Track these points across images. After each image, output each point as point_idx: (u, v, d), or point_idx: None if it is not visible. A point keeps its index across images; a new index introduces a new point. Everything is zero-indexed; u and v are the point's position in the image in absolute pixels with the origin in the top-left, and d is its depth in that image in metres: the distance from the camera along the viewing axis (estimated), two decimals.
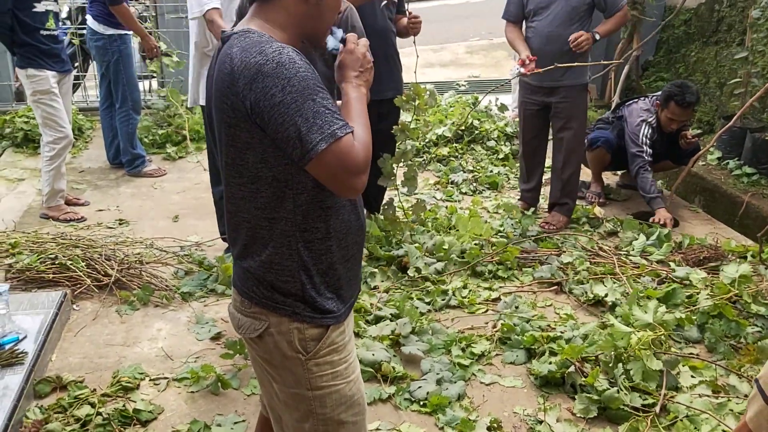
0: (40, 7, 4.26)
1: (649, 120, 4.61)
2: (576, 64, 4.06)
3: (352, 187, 1.54)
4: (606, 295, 3.43)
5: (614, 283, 3.54)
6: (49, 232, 4.16)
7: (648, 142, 4.59)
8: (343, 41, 1.72)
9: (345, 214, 1.67)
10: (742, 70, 5.40)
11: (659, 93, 4.71)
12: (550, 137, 4.56)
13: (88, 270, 3.62)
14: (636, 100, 4.86)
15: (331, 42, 1.71)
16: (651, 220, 4.37)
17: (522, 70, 4.04)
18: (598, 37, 4.11)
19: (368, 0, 3.69)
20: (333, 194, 1.61)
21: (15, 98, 6.40)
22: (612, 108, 5.46)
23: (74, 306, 3.44)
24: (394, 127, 3.84)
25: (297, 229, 1.60)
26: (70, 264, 3.61)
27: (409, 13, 3.93)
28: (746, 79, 5.30)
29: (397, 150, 3.90)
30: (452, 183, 5.29)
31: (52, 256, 3.70)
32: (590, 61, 4.37)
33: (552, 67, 3.96)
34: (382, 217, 4.14)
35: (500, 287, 3.65)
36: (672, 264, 3.80)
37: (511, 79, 6.02)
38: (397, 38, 4.07)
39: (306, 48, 1.72)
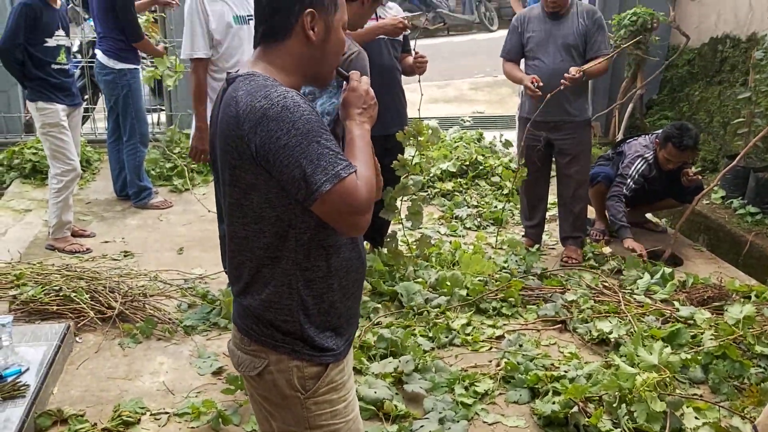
0: (51, 42, 4.35)
1: (646, 156, 4.64)
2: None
3: (356, 226, 1.57)
4: (610, 333, 3.42)
5: (619, 321, 3.53)
6: (54, 263, 4.18)
7: (637, 177, 4.62)
8: (347, 79, 1.75)
9: (346, 252, 1.68)
10: (746, 110, 5.43)
11: (659, 132, 4.75)
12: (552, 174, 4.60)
13: (91, 302, 3.63)
14: (637, 137, 4.91)
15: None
16: (625, 245, 4.46)
17: (528, 83, 4.08)
18: (584, 76, 4.14)
19: (371, 38, 3.74)
20: (335, 233, 1.63)
21: (24, 130, 6.47)
22: (614, 145, 5.50)
23: (77, 338, 3.44)
24: (394, 162, 3.87)
25: (298, 268, 1.62)
26: (74, 296, 3.62)
27: (416, 53, 3.98)
28: (749, 119, 5.33)
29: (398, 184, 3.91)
30: (456, 218, 5.30)
31: (57, 287, 3.70)
32: (591, 98, 4.43)
33: (560, 86, 4.02)
34: (385, 251, 4.15)
35: (504, 324, 3.64)
36: (676, 303, 3.78)
37: (516, 115, 6.07)
38: (403, 75, 4.12)
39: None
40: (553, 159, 4.53)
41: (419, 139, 3.79)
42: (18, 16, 4.26)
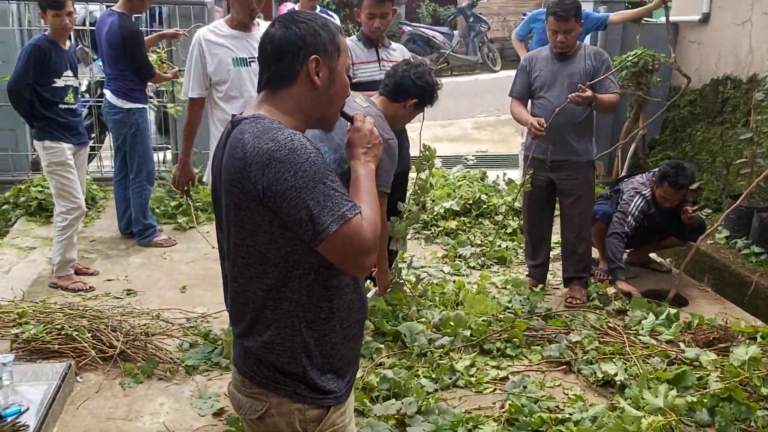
0: (60, 83, 4.42)
1: (644, 193, 4.66)
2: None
3: (361, 266, 1.59)
4: (615, 375, 3.38)
5: (624, 363, 3.50)
6: (57, 301, 4.18)
7: (636, 214, 4.62)
8: (351, 120, 1.78)
9: (348, 293, 1.68)
10: (748, 150, 5.46)
11: (657, 169, 4.76)
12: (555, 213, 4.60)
13: (93, 341, 3.61)
14: (634, 175, 4.93)
15: None
16: (618, 287, 4.47)
17: (534, 123, 4.09)
18: (594, 103, 4.15)
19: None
20: (338, 274, 1.63)
21: (31, 168, 6.52)
22: (612, 184, 5.53)
23: (78, 377, 3.42)
24: (413, 184, 3.86)
25: (301, 309, 1.62)
26: (76, 335, 3.60)
27: None
28: (752, 159, 5.36)
29: (409, 212, 3.87)
30: (460, 257, 5.29)
31: (59, 326, 3.69)
32: (595, 139, 4.45)
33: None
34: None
35: (508, 365, 3.61)
36: (682, 344, 3.75)
37: (520, 154, 6.10)
38: None
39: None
40: (557, 199, 4.54)
41: (431, 162, 3.76)
42: (27, 57, 4.34)
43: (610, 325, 4.03)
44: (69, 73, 4.51)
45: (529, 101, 4.46)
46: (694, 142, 6.46)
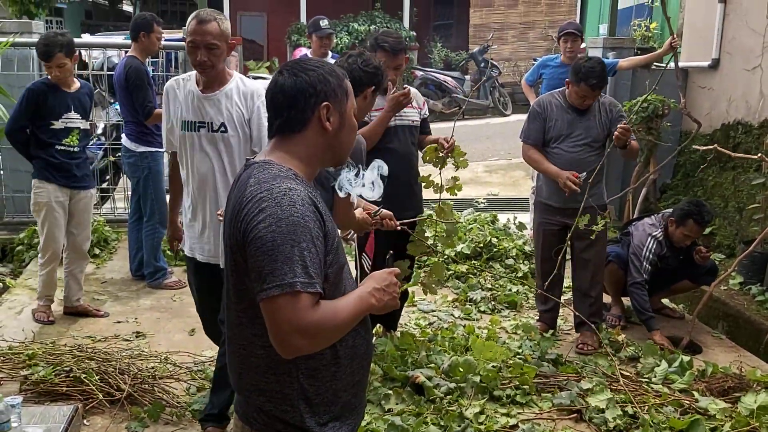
0: (58, 124, 4.47)
1: (655, 234, 4.64)
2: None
3: (286, 343, 1.51)
4: (628, 427, 3.32)
5: (636, 412, 3.44)
6: (67, 343, 4.18)
7: (651, 257, 4.59)
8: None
9: (351, 339, 1.66)
10: (760, 195, 5.45)
11: (668, 210, 4.74)
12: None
13: (101, 384, 3.60)
14: (642, 218, 4.92)
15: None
16: (655, 338, 4.39)
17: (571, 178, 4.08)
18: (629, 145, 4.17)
19: (382, 128, 3.80)
20: None
21: None
22: (621, 227, 5.52)
23: (85, 421, 3.40)
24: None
25: (301, 357, 1.59)
26: (84, 377, 3.60)
27: (445, 141, 3.93)
28: (765, 204, 5.34)
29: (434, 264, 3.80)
30: (470, 301, 5.26)
31: (67, 368, 3.69)
32: (606, 186, 4.45)
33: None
34: (398, 334, 4.11)
35: (518, 413, 3.55)
36: (695, 393, 3.68)
37: (530, 197, 6.11)
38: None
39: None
40: (569, 243, 4.52)
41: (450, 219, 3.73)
42: (22, 100, 4.45)
43: (622, 372, 3.97)
44: (73, 114, 4.52)
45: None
46: (705, 186, 6.45)
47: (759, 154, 4.63)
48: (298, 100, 1.64)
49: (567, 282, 4.79)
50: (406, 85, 4.07)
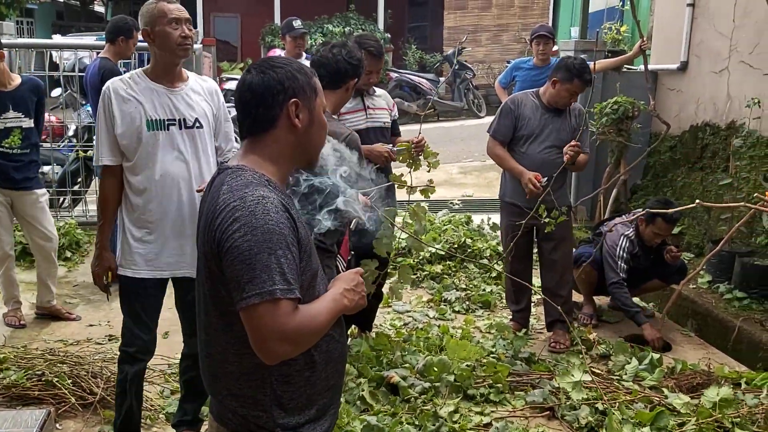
0: None
1: (627, 233, 4.72)
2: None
3: (269, 350, 1.51)
4: (599, 424, 3.38)
5: (606, 408, 3.49)
6: (38, 347, 4.14)
7: (625, 255, 4.67)
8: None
9: (326, 344, 1.67)
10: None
11: (639, 210, 4.82)
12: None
13: (73, 387, 3.58)
14: (613, 218, 5.00)
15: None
16: (645, 333, 4.47)
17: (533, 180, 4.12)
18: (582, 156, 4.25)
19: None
20: None
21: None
22: (593, 227, 5.60)
23: (57, 425, 3.37)
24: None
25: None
26: (56, 381, 3.57)
27: (416, 142, 3.98)
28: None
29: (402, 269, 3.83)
30: (445, 301, 5.30)
31: (39, 372, 3.66)
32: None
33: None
34: (373, 335, 4.13)
35: (492, 411, 3.59)
36: (665, 390, 3.75)
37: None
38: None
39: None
40: (536, 244, 4.57)
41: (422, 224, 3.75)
42: None
43: (593, 370, 4.03)
44: (12, 114, 4.36)
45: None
46: (675, 187, 6.55)
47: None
48: (266, 98, 1.64)
49: (537, 282, 4.83)
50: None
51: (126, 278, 2.99)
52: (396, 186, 3.75)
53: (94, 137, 3.00)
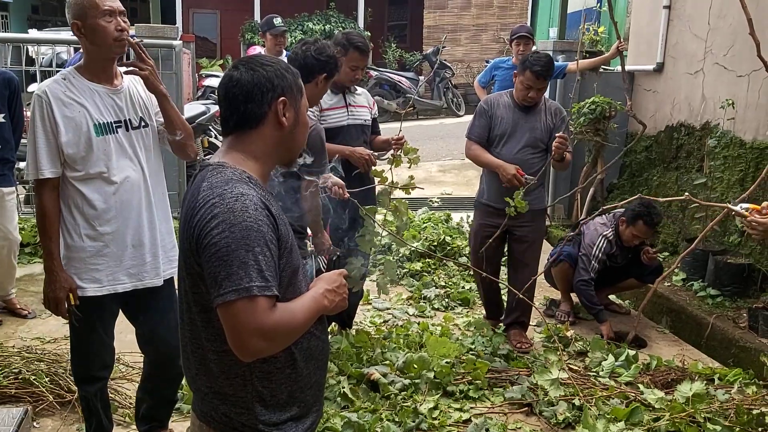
0: None
1: (606, 234, 4.78)
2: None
3: (245, 346, 1.51)
4: (576, 419, 3.43)
5: (582, 404, 3.54)
6: (15, 345, 4.10)
7: (600, 256, 4.74)
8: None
9: (306, 341, 1.67)
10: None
11: (619, 210, 4.86)
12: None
13: (51, 385, 3.55)
14: (594, 217, 5.06)
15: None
16: (602, 330, 4.58)
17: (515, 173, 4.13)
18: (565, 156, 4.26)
19: (338, 154, 3.81)
20: None
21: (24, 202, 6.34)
22: (573, 226, 5.66)
23: (35, 423, 3.34)
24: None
25: (256, 360, 1.59)
26: (34, 379, 3.54)
27: (397, 139, 4.04)
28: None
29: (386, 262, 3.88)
30: (424, 298, 5.33)
31: (16, 370, 3.62)
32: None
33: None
34: (353, 332, 4.14)
35: (471, 408, 3.63)
36: (641, 386, 3.81)
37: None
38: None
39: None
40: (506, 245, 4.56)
41: (404, 219, 3.79)
42: None
43: (570, 366, 4.08)
44: None
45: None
46: (650, 186, 6.65)
47: None
48: (255, 95, 1.64)
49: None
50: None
51: (85, 299, 2.71)
52: (377, 180, 3.80)
53: (27, 148, 2.62)
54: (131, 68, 2.65)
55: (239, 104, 1.65)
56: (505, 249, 4.63)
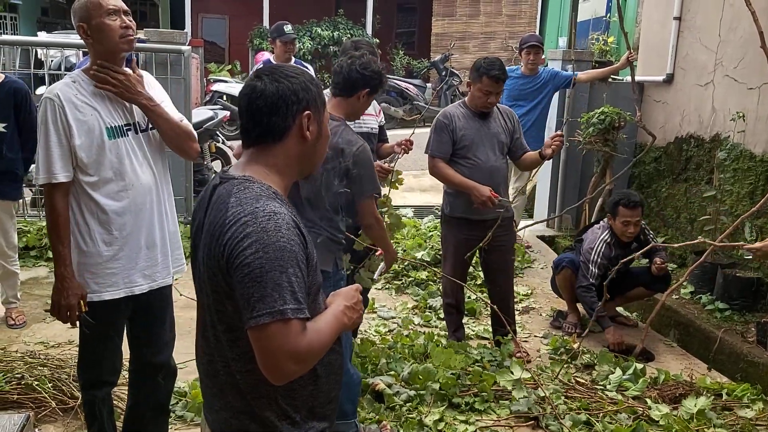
0: None
1: (603, 237, 4.75)
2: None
3: (278, 370, 1.49)
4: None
5: (588, 419, 3.50)
6: (18, 349, 4.08)
7: (599, 260, 4.71)
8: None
9: (327, 356, 1.63)
10: (711, 207, 5.61)
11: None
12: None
13: (54, 391, 3.52)
14: (594, 224, 5.05)
15: None
16: (606, 336, 4.53)
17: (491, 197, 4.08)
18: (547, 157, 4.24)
19: None
20: None
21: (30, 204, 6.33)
22: (575, 234, 5.65)
23: (37, 430, 3.32)
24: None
25: None
26: (36, 385, 3.52)
27: (406, 142, 4.04)
28: (715, 216, 5.49)
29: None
30: (430, 308, 5.29)
31: (19, 375, 3.60)
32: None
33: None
34: (358, 342, 4.11)
35: (477, 420, 3.59)
36: (648, 401, 3.77)
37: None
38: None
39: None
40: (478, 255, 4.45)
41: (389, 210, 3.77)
42: None
43: (578, 379, 4.04)
44: None
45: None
46: (659, 197, 6.61)
47: None
48: (280, 107, 1.60)
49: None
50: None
51: (101, 303, 2.68)
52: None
53: (38, 152, 2.58)
54: (103, 85, 2.61)
55: (263, 116, 1.61)
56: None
